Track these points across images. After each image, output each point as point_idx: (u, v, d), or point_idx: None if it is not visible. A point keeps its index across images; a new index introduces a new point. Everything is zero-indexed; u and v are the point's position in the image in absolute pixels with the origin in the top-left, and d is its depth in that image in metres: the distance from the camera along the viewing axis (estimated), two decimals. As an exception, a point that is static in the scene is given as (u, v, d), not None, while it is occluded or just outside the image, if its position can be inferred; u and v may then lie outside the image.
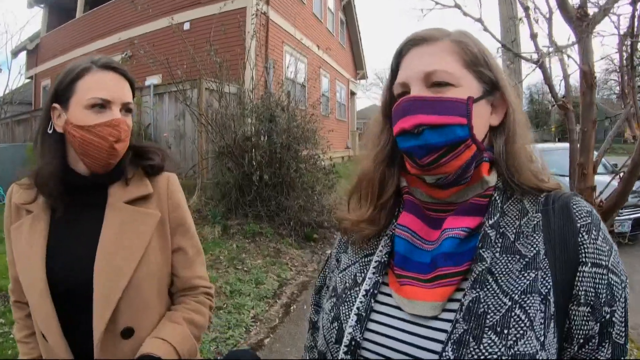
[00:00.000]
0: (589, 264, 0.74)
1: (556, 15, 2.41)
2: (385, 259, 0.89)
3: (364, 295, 0.85)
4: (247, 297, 4.61)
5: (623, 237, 3.37)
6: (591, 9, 2.12)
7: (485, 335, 0.70)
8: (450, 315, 0.76)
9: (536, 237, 0.78)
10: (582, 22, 2.10)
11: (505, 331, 0.70)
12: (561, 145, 5.29)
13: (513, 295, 0.73)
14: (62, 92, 1.23)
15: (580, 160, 2.22)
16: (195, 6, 11.49)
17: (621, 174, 2.06)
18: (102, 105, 1.21)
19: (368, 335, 0.82)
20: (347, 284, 0.90)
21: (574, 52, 2.34)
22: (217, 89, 7.22)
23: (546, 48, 2.56)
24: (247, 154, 7.00)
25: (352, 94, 23.00)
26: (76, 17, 15.61)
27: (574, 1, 2.18)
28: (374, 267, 0.89)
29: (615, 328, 0.75)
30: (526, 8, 2.66)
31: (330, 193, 7.86)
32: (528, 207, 0.82)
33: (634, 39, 2.12)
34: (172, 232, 1.34)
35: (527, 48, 10.33)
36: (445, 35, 0.86)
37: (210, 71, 7.35)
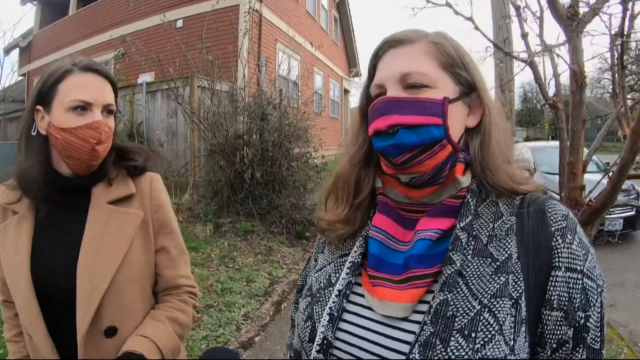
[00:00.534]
0: (563, 269, 0.74)
1: (547, 14, 2.41)
2: (359, 259, 0.89)
3: (336, 296, 0.86)
4: (238, 295, 4.61)
5: (614, 235, 3.38)
6: (582, 9, 2.12)
7: (452, 339, 0.70)
8: (420, 317, 0.76)
9: (509, 241, 0.77)
10: (573, 21, 2.10)
11: (472, 335, 0.69)
12: (553, 143, 5.31)
13: (482, 299, 0.72)
14: (44, 95, 1.24)
15: (569, 159, 2.22)
16: (187, 3, 11.44)
17: (610, 174, 2.06)
18: (83, 108, 1.22)
19: (340, 334, 0.82)
20: (322, 284, 0.91)
21: (564, 51, 2.34)
22: (209, 86, 7.19)
23: (537, 47, 2.56)
24: (239, 152, 6.99)
25: (346, 91, 23.03)
26: (69, 14, 15.51)
27: (564, 1, 2.18)
28: (347, 268, 0.89)
29: (590, 333, 0.74)
30: (517, 7, 2.65)
31: (322, 191, 7.86)
32: (503, 210, 0.81)
33: (625, 38, 2.12)
34: (155, 232, 1.34)
35: (519, 47, 10.36)
36: (422, 37, 0.86)
37: (202, 69, 7.32)
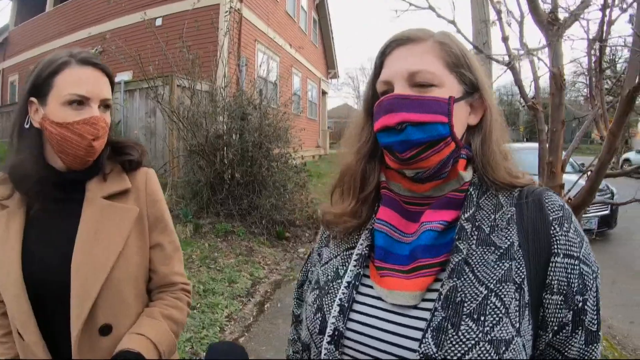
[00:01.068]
0: (561, 255, 0.78)
1: (528, 19, 2.48)
2: (366, 251, 0.91)
3: (345, 287, 0.88)
4: (221, 297, 4.57)
5: (590, 233, 3.48)
6: (562, 14, 2.20)
7: (463, 322, 0.73)
8: (429, 305, 0.79)
9: (510, 230, 0.81)
10: (553, 26, 2.17)
11: (482, 318, 0.73)
12: (529, 144, 5.42)
13: (489, 284, 0.76)
14: (39, 87, 1.19)
15: (549, 159, 2.29)
16: (168, 2, 11.29)
17: (588, 173, 2.14)
18: (80, 102, 1.17)
19: (350, 325, 0.85)
20: (330, 277, 0.93)
21: (544, 55, 2.41)
22: (189, 86, 7.12)
23: (517, 50, 2.63)
24: (219, 152, 6.95)
25: (324, 93, 23.05)
26: (46, 10, 15.15)
27: (545, 6, 2.25)
28: (355, 260, 0.91)
29: (587, 316, 0.79)
30: (499, 12, 2.72)
31: (302, 192, 7.89)
32: (503, 202, 0.85)
33: (603, 43, 2.20)
34: (150, 227, 1.32)
35: (498, 50, 10.55)
36: (430, 36, 0.88)
37: (182, 68, 7.24)
